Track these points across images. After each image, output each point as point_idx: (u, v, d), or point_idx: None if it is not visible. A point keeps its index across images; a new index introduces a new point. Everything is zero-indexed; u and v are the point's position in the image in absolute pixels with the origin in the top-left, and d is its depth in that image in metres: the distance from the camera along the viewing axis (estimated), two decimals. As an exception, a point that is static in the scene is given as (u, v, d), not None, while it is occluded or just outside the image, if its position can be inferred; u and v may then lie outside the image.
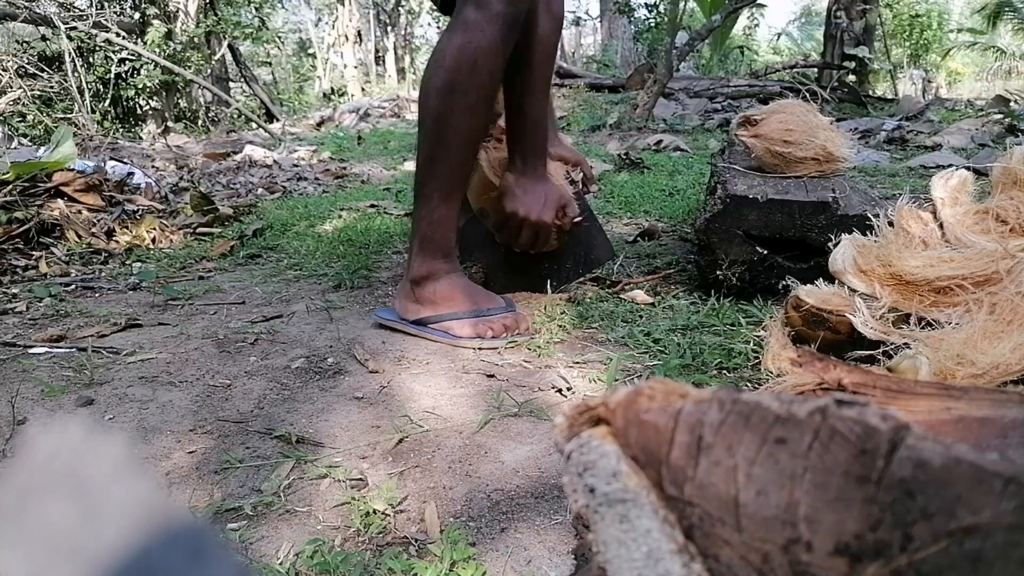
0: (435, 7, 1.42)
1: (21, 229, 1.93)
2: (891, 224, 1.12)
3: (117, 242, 2.05)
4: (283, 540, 0.72)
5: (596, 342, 1.21)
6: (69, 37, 6.45)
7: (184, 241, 2.15)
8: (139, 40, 7.38)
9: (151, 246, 2.07)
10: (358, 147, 5.10)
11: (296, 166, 4.13)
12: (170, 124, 7.71)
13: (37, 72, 6.58)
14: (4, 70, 6.26)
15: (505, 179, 1.31)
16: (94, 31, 6.72)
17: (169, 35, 7.73)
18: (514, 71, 1.22)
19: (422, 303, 1.24)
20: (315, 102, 11.59)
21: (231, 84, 9.71)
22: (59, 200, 2.09)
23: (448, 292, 1.24)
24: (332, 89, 11.26)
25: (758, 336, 1.13)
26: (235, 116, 7.84)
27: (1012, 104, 5.27)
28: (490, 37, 1.12)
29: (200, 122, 8.03)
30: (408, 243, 1.31)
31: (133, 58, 7.18)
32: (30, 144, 4.94)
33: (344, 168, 4.01)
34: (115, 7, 7.51)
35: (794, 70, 7.40)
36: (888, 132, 4.09)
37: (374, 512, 0.75)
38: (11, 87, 6.21)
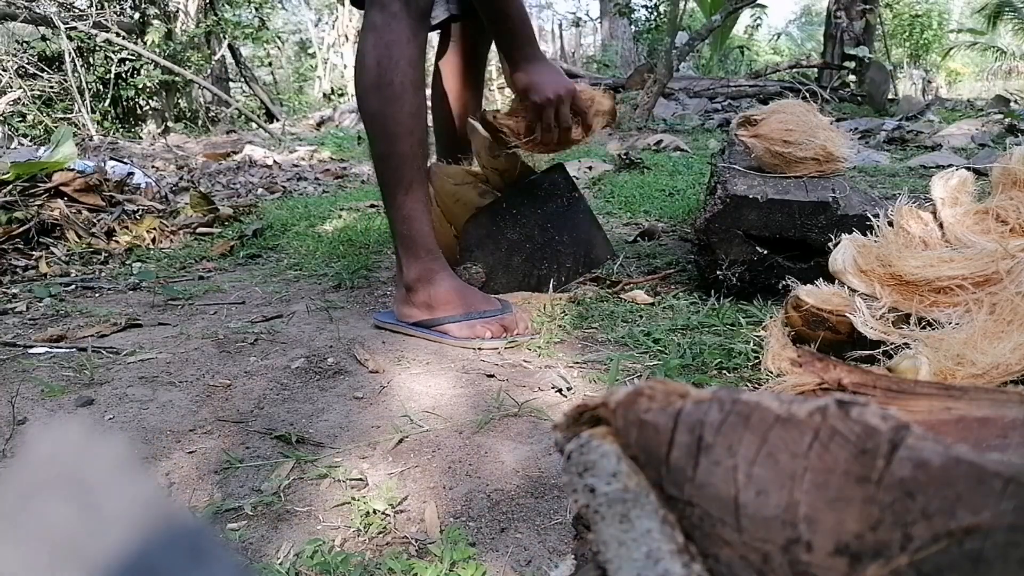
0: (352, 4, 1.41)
1: (21, 229, 1.93)
2: (891, 224, 1.12)
3: (117, 242, 2.05)
4: (283, 540, 0.72)
5: (596, 342, 1.21)
6: (69, 37, 6.45)
7: (184, 241, 2.15)
8: (139, 40, 7.38)
9: (151, 246, 2.07)
10: (358, 147, 5.10)
11: (296, 166, 4.13)
12: (170, 124, 7.72)
13: (37, 72, 6.59)
14: (4, 70, 6.26)
15: (517, 78, 1.33)
16: (94, 31, 6.72)
17: (169, 35, 7.73)
18: None
19: (419, 308, 1.25)
20: (315, 102, 11.58)
21: (231, 84, 9.71)
22: (59, 200, 2.09)
23: (444, 296, 1.24)
24: (332, 89, 11.24)
25: (758, 336, 1.13)
26: (235, 116, 7.84)
27: (1012, 104, 5.28)
28: (398, 32, 1.18)
29: (200, 122, 8.03)
30: (394, 249, 1.32)
31: (133, 58, 7.18)
32: (30, 144, 4.95)
33: (344, 168, 4.02)
34: (115, 7, 7.51)
35: (794, 70, 7.40)
36: (888, 132, 4.09)
37: (374, 512, 0.75)
38: (11, 87, 6.22)
